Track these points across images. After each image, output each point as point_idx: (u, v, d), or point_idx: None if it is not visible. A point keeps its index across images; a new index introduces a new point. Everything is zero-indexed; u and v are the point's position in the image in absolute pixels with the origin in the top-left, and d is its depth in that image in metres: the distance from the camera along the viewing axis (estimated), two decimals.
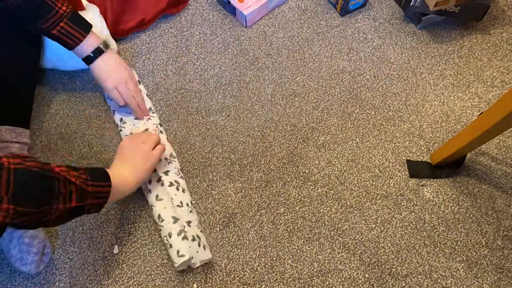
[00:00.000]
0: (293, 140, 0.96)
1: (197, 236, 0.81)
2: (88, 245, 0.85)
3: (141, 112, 0.93)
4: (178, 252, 0.78)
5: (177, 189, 0.85)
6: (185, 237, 0.78)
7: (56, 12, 0.80)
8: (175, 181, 0.86)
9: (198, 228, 0.83)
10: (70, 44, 0.84)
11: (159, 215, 0.82)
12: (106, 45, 0.89)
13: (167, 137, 0.95)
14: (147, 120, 0.94)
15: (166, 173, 0.87)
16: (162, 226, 0.82)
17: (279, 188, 0.91)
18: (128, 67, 0.94)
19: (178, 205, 0.83)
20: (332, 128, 0.97)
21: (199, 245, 0.80)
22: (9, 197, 0.54)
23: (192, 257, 0.77)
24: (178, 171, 0.89)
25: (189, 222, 0.82)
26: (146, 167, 0.79)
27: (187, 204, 0.85)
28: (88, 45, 0.86)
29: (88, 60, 0.88)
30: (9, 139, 0.85)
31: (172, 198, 0.83)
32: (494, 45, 1.09)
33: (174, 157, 0.91)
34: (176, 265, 0.78)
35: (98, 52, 0.87)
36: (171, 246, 0.79)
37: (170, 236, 0.80)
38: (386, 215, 0.88)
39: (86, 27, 0.85)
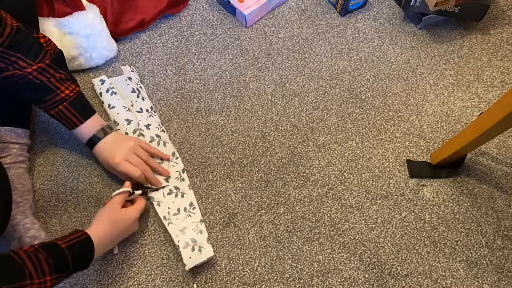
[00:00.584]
0: (293, 140, 0.96)
1: (192, 239, 0.81)
2: None
3: (157, 180, 0.87)
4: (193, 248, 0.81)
5: (176, 195, 0.87)
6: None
7: (56, 95, 0.78)
8: (175, 187, 0.88)
9: (195, 230, 0.83)
10: (67, 126, 0.82)
11: (169, 209, 0.85)
12: (110, 127, 0.85)
13: (168, 136, 0.95)
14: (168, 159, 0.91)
15: (167, 179, 0.89)
16: (171, 223, 0.84)
17: (279, 188, 0.91)
18: (133, 138, 0.88)
19: (174, 213, 0.85)
20: (332, 128, 0.97)
21: (192, 250, 0.80)
22: None
23: (185, 265, 0.79)
24: (179, 173, 0.90)
25: (183, 229, 0.83)
26: (121, 238, 0.79)
27: (185, 209, 0.85)
28: (87, 129, 0.82)
29: (91, 143, 0.83)
30: (9, 140, 0.85)
31: (169, 208, 0.85)
32: (494, 45, 1.09)
33: (177, 157, 0.92)
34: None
35: (101, 134, 0.83)
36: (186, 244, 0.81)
37: (183, 233, 0.83)
38: (386, 215, 0.88)
39: (86, 113, 0.82)
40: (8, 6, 0.75)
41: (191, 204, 0.87)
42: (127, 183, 0.82)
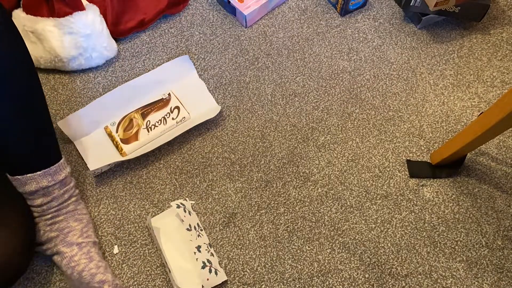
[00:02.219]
0: (293, 140, 0.96)
1: (208, 260, 0.80)
2: None
3: None
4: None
5: (184, 210, 0.84)
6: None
7: None
8: (181, 203, 0.85)
9: (208, 251, 0.82)
10: None
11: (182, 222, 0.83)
12: None
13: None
14: None
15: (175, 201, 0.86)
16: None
17: (279, 188, 0.91)
18: None
19: (187, 229, 0.81)
20: (332, 128, 0.97)
21: (210, 271, 0.79)
22: None
23: (203, 286, 0.77)
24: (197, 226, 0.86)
25: (198, 247, 0.81)
26: None
27: (195, 227, 0.83)
28: None
29: None
30: (47, 184, 0.76)
31: (182, 221, 0.82)
32: (494, 45, 1.09)
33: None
34: None
35: None
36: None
37: (200, 251, 0.80)
38: (386, 215, 0.88)
39: None
40: None
41: (198, 224, 0.86)
42: None
